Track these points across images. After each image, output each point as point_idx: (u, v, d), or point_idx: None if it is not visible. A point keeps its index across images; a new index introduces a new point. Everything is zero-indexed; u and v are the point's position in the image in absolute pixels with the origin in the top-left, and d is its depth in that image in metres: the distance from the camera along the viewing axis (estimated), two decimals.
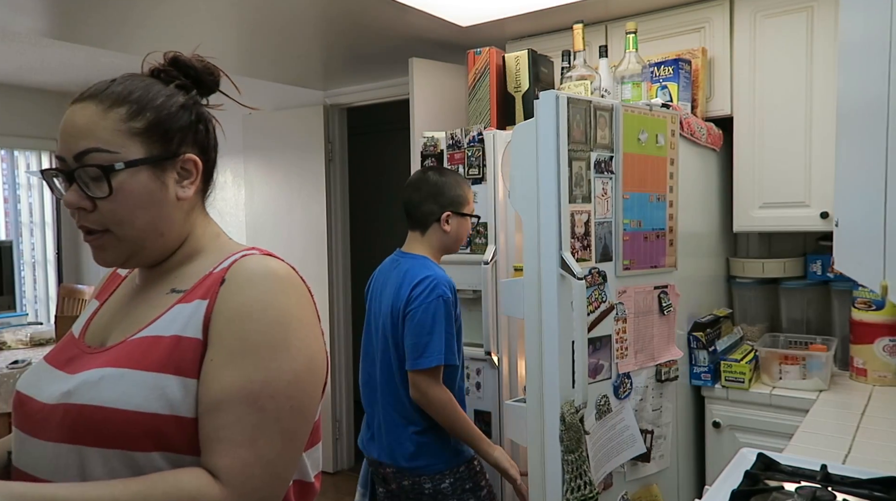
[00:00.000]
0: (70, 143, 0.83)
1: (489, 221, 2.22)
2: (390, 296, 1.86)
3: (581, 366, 1.58)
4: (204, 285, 0.85)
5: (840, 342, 2.24)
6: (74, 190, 0.83)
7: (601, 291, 1.68)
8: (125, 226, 0.85)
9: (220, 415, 0.77)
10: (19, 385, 0.87)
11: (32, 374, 0.89)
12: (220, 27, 2.73)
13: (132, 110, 0.85)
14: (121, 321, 0.90)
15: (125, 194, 0.83)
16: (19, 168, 5.05)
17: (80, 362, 0.86)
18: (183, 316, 0.83)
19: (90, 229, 0.85)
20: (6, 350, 3.27)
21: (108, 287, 1.01)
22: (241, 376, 0.78)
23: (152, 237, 0.87)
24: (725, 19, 2.31)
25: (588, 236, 1.67)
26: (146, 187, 0.85)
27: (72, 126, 0.84)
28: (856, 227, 1.16)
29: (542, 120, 1.61)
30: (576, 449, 1.56)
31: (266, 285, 0.83)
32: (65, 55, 3.99)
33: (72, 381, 0.81)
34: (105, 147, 0.82)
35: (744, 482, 1.28)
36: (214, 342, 0.80)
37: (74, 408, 0.78)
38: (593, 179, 1.68)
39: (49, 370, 0.87)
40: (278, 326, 0.81)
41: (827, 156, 2.13)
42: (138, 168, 0.84)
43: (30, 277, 5.13)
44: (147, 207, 0.85)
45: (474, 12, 2.48)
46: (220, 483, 0.75)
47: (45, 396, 0.83)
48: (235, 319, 0.80)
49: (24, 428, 0.83)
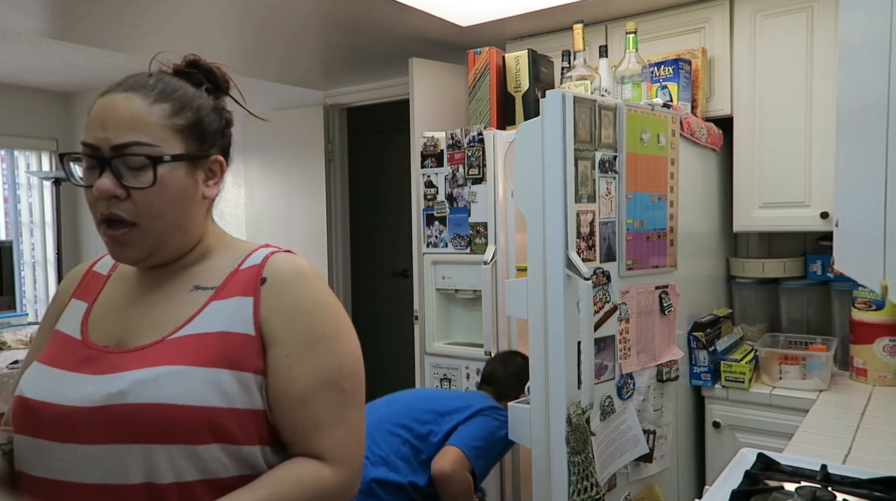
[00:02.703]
0: (110, 132, 0.83)
1: (489, 221, 2.22)
2: (463, 399, 1.88)
3: (588, 367, 1.58)
4: (237, 283, 0.89)
5: (840, 342, 2.24)
6: (110, 177, 0.82)
7: (605, 291, 1.68)
8: (156, 219, 0.85)
9: (311, 404, 0.85)
10: (26, 392, 0.85)
11: (38, 379, 0.86)
12: (221, 27, 2.72)
13: (175, 108, 0.87)
14: (140, 319, 0.89)
15: (164, 186, 0.85)
16: (19, 168, 5.05)
17: (104, 362, 0.84)
18: (225, 313, 0.86)
19: (118, 221, 0.84)
20: (6, 350, 3.26)
21: (91, 287, 0.98)
22: (320, 365, 0.86)
23: (176, 234, 0.88)
24: (725, 19, 2.31)
25: (593, 236, 1.66)
26: (182, 183, 0.87)
27: (115, 116, 0.83)
28: (856, 227, 1.16)
29: (549, 119, 1.60)
30: (582, 451, 1.56)
31: (308, 282, 0.90)
32: (65, 55, 3.99)
33: (118, 382, 0.81)
34: (149, 141, 0.84)
35: (744, 482, 1.28)
36: (281, 339, 0.86)
37: (133, 408, 0.79)
38: (598, 179, 1.67)
39: (61, 374, 0.85)
40: (331, 315, 0.90)
41: (827, 156, 2.13)
42: (177, 164, 0.86)
43: (30, 277, 5.13)
44: (179, 202, 0.87)
45: (474, 12, 2.48)
46: (328, 464, 0.85)
47: (76, 399, 0.81)
48: (296, 315, 0.87)
49: (44, 435, 0.81)
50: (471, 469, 1.71)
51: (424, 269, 2.41)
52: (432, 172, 2.37)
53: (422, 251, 2.43)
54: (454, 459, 1.68)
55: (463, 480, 1.68)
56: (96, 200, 0.84)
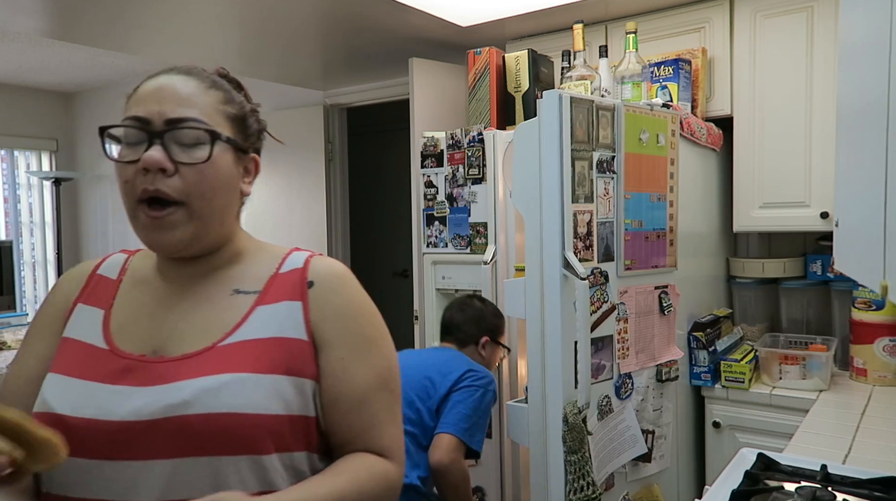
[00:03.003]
0: (166, 106, 0.81)
1: (489, 221, 2.22)
2: (434, 367, 1.79)
3: (584, 366, 1.58)
4: (281, 287, 0.87)
5: (840, 342, 2.24)
6: (159, 150, 0.79)
7: (603, 291, 1.68)
8: (204, 200, 0.82)
9: (368, 405, 0.86)
10: (57, 408, 0.78)
11: (67, 393, 0.79)
12: (220, 27, 2.73)
13: (227, 97, 0.87)
14: (177, 326, 0.84)
15: (215, 166, 0.83)
16: (19, 168, 5.05)
17: (148, 372, 0.80)
18: (275, 318, 0.84)
19: (160, 202, 0.80)
20: (6, 350, 3.26)
21: (101, 292, 0.91)
22: (374, 368, 0.87)
23: (216, 224, 0.85)
24: (725, 19, 2.31)
25: (590, 236, 1.66)
26: (230, 169, 0.86)
27: (172, 92, 0.82)
28: (856, 227, 1.16)
29: (546, 119, 1.61)
30: (579, 450, 1.56)
31: (353, 285, 0.91)
32: (65, 55, 3.99)
33: (177, 392, 0.77)
34: (204, 119, 0.82)
35: (744, 482, 1.28)
36: (334, 343, 0.85)
37: (198, 419, 0.75)
38: (595, 179, 1.68)
39: (96, 387, 0.79)
40: (377, 318, 0.91)
41: (827, 156, 2.13)
42: (227, 148, 0.85)
43: (30, 277, 5.13)
44: (226, 188, 0.85)
45: (474, 12, 2.48)
46: (387, 459, 0.87)
47: (126, 413, 0.76)
48: (347, 319, 0.87)
49: (89, 453, 0.76)
50: (467, 449, 1.69)
51: (424, 269, 2.41)
52: (432, 172, 2.37)
53: (422, 251, 2.43)
54: (449, 448, 1.64)
55: (462, 469, 1.68)
56: (136, 176, 0.79)
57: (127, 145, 0.82)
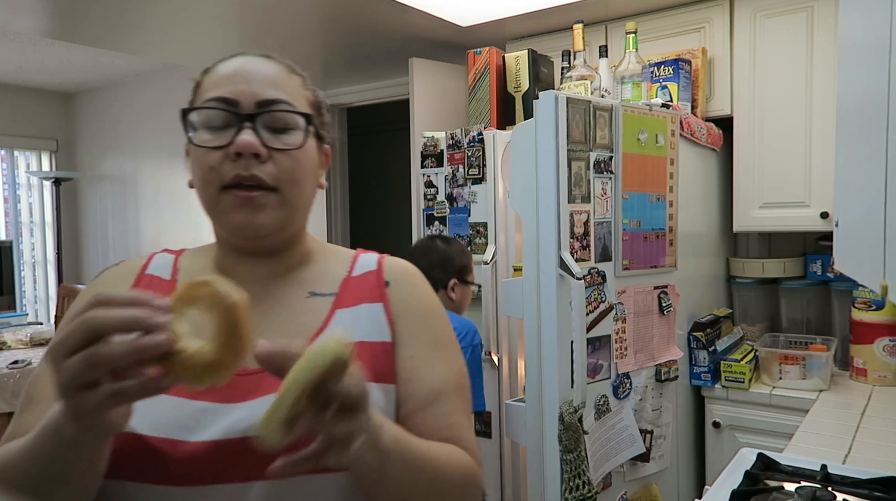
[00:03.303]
0: (256, 88, 0.75)
1: (489, 221, 2.22)
2: None
3: (580, 366, 1.59)
4: (358, 290, 0.82)
5: (840, 342, 2.24)
6: (252, 134, 0.73)
7: (600, 291, 1.68)
8: (295, 187, 0.76)
9: (444, 404, 0.79)
10: (138, 427, 0.68)
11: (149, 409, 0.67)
12: (220, 27, 2.73)
13: (304, 83, 0.82)
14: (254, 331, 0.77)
15: (305, 153, 0.78)
16: (19, 168, 5.05)
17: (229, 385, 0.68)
18: (357, 321, 0.79)
19: (257, 183, 0.73)
20: (6, 350, 3.26)
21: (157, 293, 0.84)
22: (448, 367, 0.82)
23: (301, 215, 0.80)
24: (725, 19, 2.31)
25: (587, 236, 1.67)
26: (315, 157, 0.81)
27: (258, 73, 0.76)
28: (856, 227, 1.16)
29: (542, 120, 1.61)
30: (574, 449, 1.56)
31: (425, 284, 0.88)
32: (65, 55, 3.99)
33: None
34: (292, 102, 0.77)
35: (744, 482, 1.28)
36: (408, 341, 0.81)
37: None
38: (593, 179, 1.68)
39: (176, 403, 0.70)
40: (446, 319, 0.87)
41: (827, 156, 2.13)
42: (311, 135, 0.79)
43: (30, 277, 5.13)
44: (312, 176, 0.80)
45: (474, 12, 2.48)
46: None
47: (215, 432, 0.68)
48: (421, 317, 0.83)
49: (176, 480, 0.67)
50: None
51: None
52: (432, 172, 2.37)
53: None
54: None
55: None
56: (223, 162, 0.73)
57: (209, 129, 0.74)
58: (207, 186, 0.74)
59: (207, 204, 0.75)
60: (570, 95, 1.61)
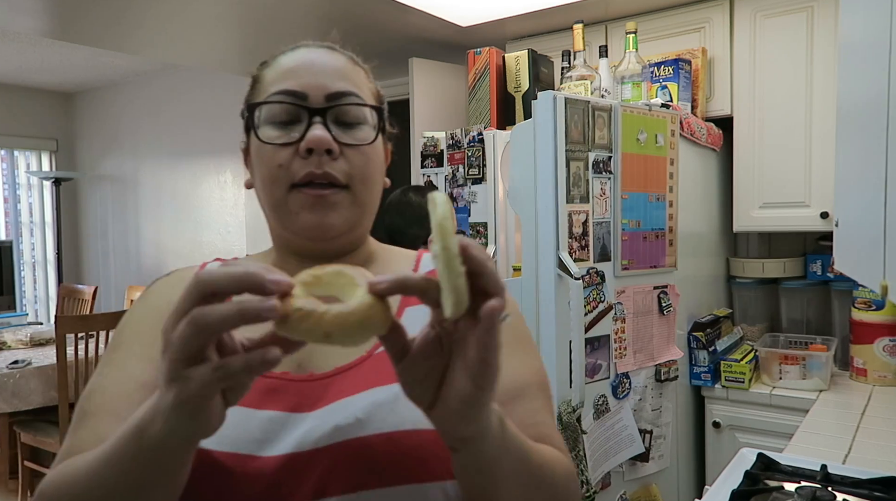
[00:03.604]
0: (324, 80, 0.70)
1: (489, 221, 2.22)
2: None
3: (578, 366, 1.59)
4: None
5: (840, 342, 2.24)
6: (323, 129, 0.68)
7: (599, 291, 1.68)
8: (366, 185, 0.71)
9: (527, 401, 0.71)
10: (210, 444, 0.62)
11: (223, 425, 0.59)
12: (220, 27, 2.73)
13: (369, 76, 0.78)
14: None
15: (376, 150, 0.73)
16: (19, 168, 5.05)
17: (300, 393, 0.67)
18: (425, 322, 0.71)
19: (329, 180, 0.68)
20: (6, 350, 3.26)
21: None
22: (528, 363, 0.75)
23: (369, 215, 0.75)
24: (725, 19, 2.31)
25: (586, 236, 1.67)
26: (381, 153, 0.75)
27: (325, 65, 0.71)
28: (856, 227, 1.16)
29: (540, 120, 1.62)
30: (573, 449, 1.56)
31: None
32: (65, 55, 3.99)
33: (343, 411, 0.64)
34: (362, 96, 0.72)
35: (744, 482, 1.28)
36: None
37: (378, 439, 0.62)
38: (591, 179, 1.68)
39: (245, 413, 0.65)
40: (521, 316, 0.81)
41: (827, 156, 2.13)
42: (379, 130, 0.74)
43: (30, 277, 5.13)
44: (381, 174, 0.75)
45: (474, 12, 2.48)
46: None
47: (287, 445, 0.63)
48: None
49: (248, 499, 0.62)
50: None
51: None
52: (432, 172, 2.37)
53: None
54: None
55: None
56: (293, 159, 0.68)
57: (275, 125, 0.70)
58: (275, 186, 0.69)
59: (274, 204, 0.70)
60: (569, 96, 1.62)
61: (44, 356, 3.08)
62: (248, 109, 0.71)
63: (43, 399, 2.92)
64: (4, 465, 3.12)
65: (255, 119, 0.70)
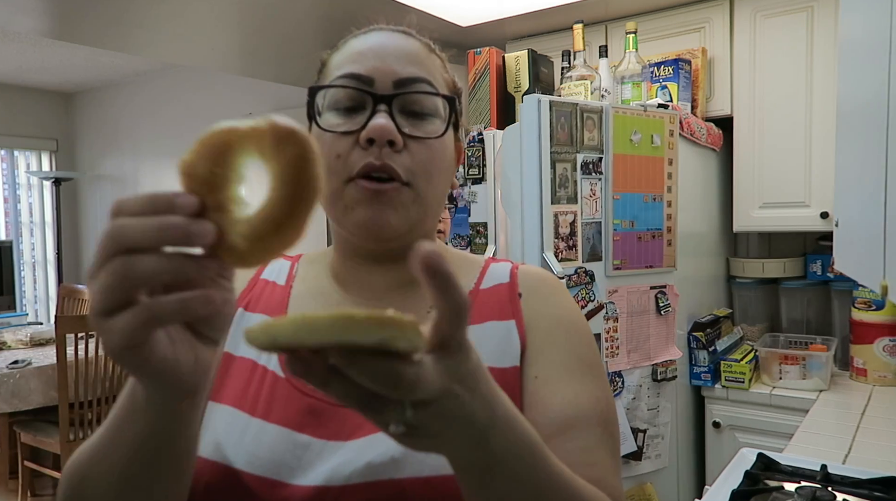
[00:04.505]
0: (394, 64, 0.64)
1: (489, 221, 2.21)
2: None
3: None
4: (485, 305, 0.69)
5: (840, 342, 2.24)
6: (387, 118, 0.61)
7: (589, 290, 1.69)
8: (430, 182, 0.64)
9: (580, 437, 0.61)
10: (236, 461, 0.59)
11: (248, 439, 0.60)
12: (220, 27, 2.73)
13: (445, 65, 0.71)
14: None
15: (444, 145, 0.66)
16: (19, 168, 5.06)
17: (336, 419, 0.61)
18: (485, 343, 0.65)
19: (389, 174, 0.62)
20: (6, 350, 3.26)
21: (269, 299, 0.72)
22: (587, 393, 0.64)
23: (432, 216, 0.68)
24: (725, 19, 2.31)
25: (574, 237, 1.68)
26: (451, 149, 0.69)
27: (397, 49, 0.66)
28: (856, 227, 1.16)
29: (526, 123, 1.64)
30: None
31: (564, 295, 0.73)
32: (65, 55, 3.99)
33: (379, 446, 0.58)
34: (435, 85, 0.66)
35: (744, 482, 1.28)
36: (535, 358, 0.66)
37: (415, 484, 0.56)
38: (580, 180, 1.69)
39: (280, 434, 0.61)
40: (589, 337, 0.70)
41: (827, 156, 2.13)
42: (451, 124, 0.67)
43: (30, 277, 5.13)
44: (449, 172, 0.68)
45: (474, 12, 2.48)
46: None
47: (318, 476, 0.58)
48: (554, 331, 0.68)
49: None
50: None
51: None
52: None
53: None
54: None
55: None
56: (352, 149, 0.62)
57: (337, 112, 0.64)
58: (331, 177, 0.62)
59: (329, 198, 0.64)
60: (554, 99, 1.64)
61: (44, 356, 3.08)
62: (309, 94, 0.66)
63: (43, 399, 2.92)
64: (4, 465, 3.12)
65: (316, 105, 0.65)
